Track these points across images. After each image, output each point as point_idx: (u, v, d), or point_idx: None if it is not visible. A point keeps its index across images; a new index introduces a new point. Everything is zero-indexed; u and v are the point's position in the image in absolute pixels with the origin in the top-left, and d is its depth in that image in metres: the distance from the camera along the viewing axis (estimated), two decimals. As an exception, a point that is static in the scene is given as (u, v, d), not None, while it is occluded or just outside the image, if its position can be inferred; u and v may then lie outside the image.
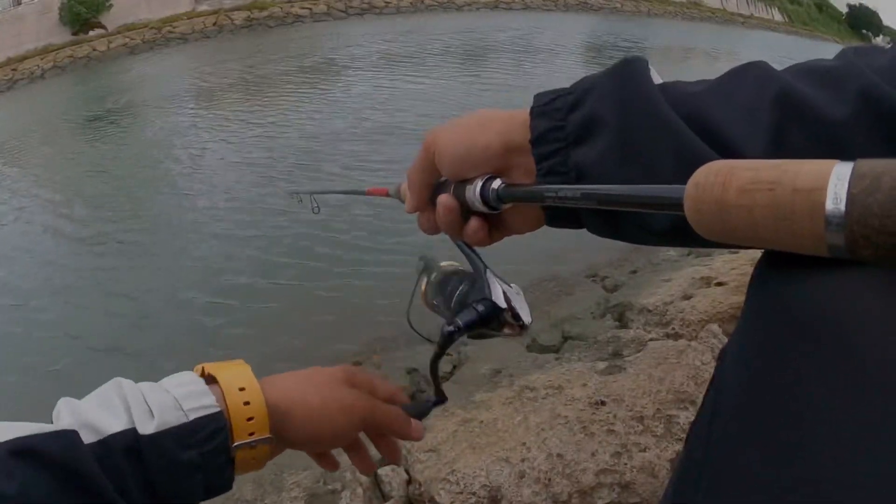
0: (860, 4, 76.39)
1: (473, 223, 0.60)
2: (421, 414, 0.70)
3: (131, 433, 0.48)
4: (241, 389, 0.54)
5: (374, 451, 0.70)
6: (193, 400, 0.51)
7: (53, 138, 10.96)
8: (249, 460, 0.54)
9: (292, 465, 1.60)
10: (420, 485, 1.45)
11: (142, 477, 0.48)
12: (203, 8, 29.66)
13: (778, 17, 54.50)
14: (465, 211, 0.59)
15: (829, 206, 0.28)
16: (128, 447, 0.47)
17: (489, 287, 0.63)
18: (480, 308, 0.62)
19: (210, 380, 0.55)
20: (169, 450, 0.48)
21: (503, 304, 0.62)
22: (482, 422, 1.57)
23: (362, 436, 0.67)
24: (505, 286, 0.63)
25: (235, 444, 0.52)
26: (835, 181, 0.28)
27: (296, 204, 1.35)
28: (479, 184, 0.56)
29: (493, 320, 0.63)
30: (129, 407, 0.49)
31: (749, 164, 0.34)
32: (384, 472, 1.53)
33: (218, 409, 0.52)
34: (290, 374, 0.62)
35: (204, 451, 0.50)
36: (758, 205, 0.32)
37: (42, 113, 14.54)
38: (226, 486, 0.53)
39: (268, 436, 0.54)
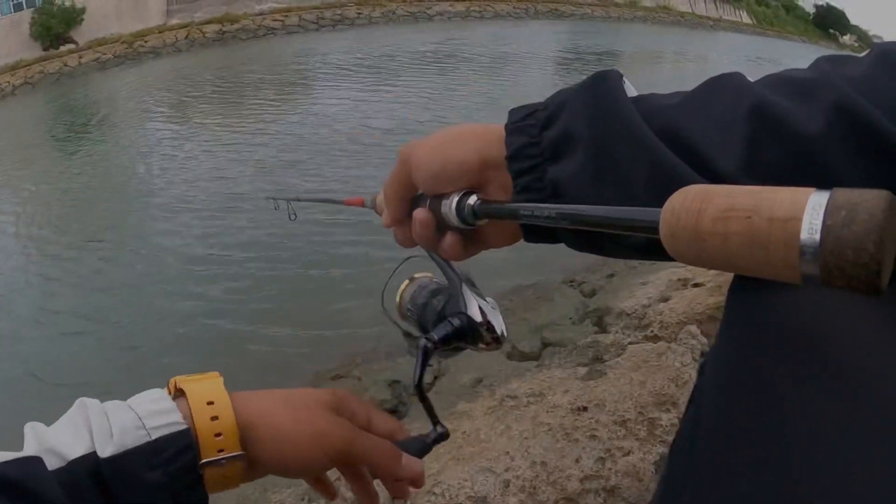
0: (827, 4, 77.64)
1: (449, 238, 0.59)
2: (420, 451, 0.62)
3: (93, 457, 0.46)
4: (210, 403, 0.51)
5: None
6: (158, 418, 0.49)
7: (25, 154, 10.82)
8: (219, 479, 0.51)
9: (276, 482, 1.58)
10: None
11: (108, 501, 0.46)
12: (174, 21, 29.49)
13: (746, 19, 55.26)
14: (441, 225, 0.59)
15: (804, 236, 0.29)
16: (91, 472, 0.46)
17: (465, 301, 0.63)
18: (456, 322, 0.62)
19: (180, 394, 0.53)
20: (132, 471, 0.46)
21: (479, 319, 0.62)
22: (465, 432, 1.57)
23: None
24: (481, 301, 0.63)
25: (203, 461, 0.49)
26: (810, 211, 0.29)
27: (271, 212, 1.35)
28: (455, 199, 0.56)
29: (469, 334, 0.62)
30: (91, 428, 0.48)
31: (725, 190, 0.34)
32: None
33: (184, 427, 0.49)
34: (270, 391, 0.58)
35: (170, 470, 0.47)
36: (733, 233, 0.32)
37: (13, 129, 14.34)
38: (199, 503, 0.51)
39: (238, 452, 0.51)
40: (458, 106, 10.29)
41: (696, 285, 2.47)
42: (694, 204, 0.34)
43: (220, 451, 0.50)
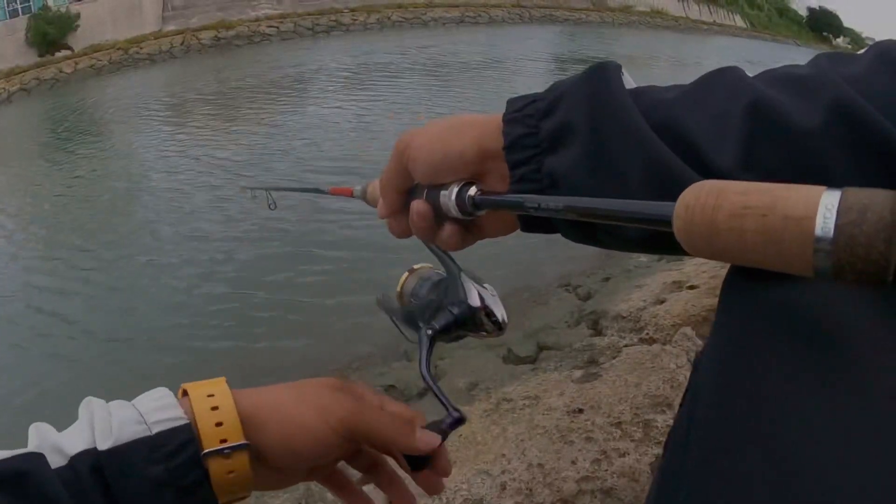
0: (820, 7, 77.89)
1: (447, 229, 0.59)
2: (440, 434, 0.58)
3: (93, 451, 0.45)
4: (210, 396, 0.50)
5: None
6: (158, 413, 0.48)
7: (20, 160, 10.80)
8: (226, 475, 0.48)
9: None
10: (402, 501, 1.44)
11: (110, 498, 0.44)
12: (170, 28, 29.50)
13: (740, 22, 55.41)
14: (439, 216, 0.59)
15: (818, 234, 0.30)
16: (92, 467, 0.44)
17: (464, 289, 0.63)
18: (456, 311, 0.62)
19: (184, 395, 0.51)
20: (132, 466, 0.45)
21: (479, 306, 0.62)
22: (461, 435, 1.57)
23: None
24: (480, 288, 0.63)
25: (205, 451, 0.47)
26: (823, 211, 0.30)
27: (265, 214, 1.35)
28: (455, 190, 0.56)
29: (470, 322, 0.62)
30: (93, 425, 0.47)
31: (738, 187, 0.35)
32: (366, 490, 1.52)
33: (185, 422, 0.48)
34: (276, 384, 0.56)
35: (171, 465, 0.46)
36: (748, 229, 0.34)
37: (8, 136, 14.32)
38: None
39: (242, 442, 0.49)
40: (455, 109, 10.30)
41: (690, 287, 2.48)
42: (709, 200, 0.35)
43: (223, 440, 0.48)
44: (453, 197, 0.56)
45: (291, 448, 0.51)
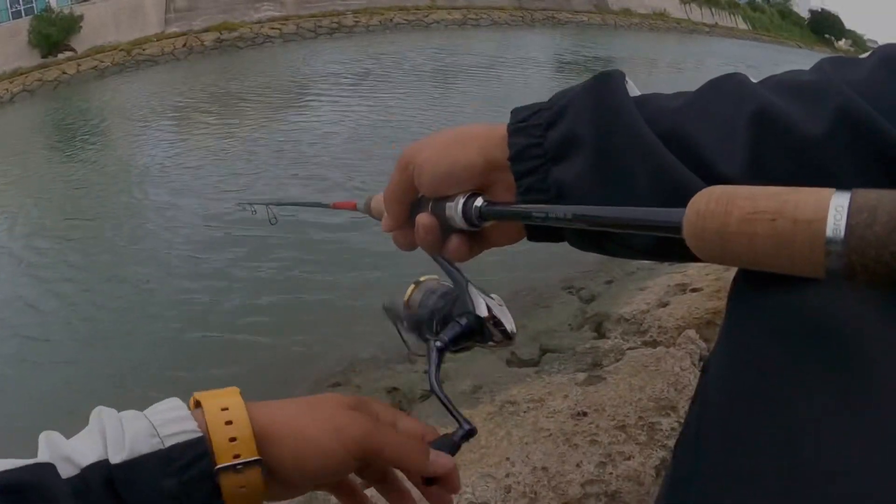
0: (822, 10, 77.84)
1: (454, 240, 0.59)
2: (449, 450, 0.57)
3: (105, 463, 0.45)
4: (225, 409, 0.49)
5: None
6: (172, 426, 0.47)
7: (21, 162, 10.82)
8: (237, 489, 0.48)
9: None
10: (405, 504, 1.44)
11: None
12: (172, 29, 29.54)
13: (742, 25, 55.37)
14: (445, 228, 0.58)
15: (830, 235, 0.30)
16: (105, 479, 0.44)
17: (472, 300, 0.63)
18: (464, 322, 0.62)
19: (197, 406, 0.51)
20: (144, 479, 0.45)
21: (486, 316, 0.62)
22: (465, 438, 1.56)
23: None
24: (487, 298, 0.63)
25: (218, 466, 0.47)
26: (833, 213, 0.30)
27: (266, 219, 1.35)
28: (461, 202, 0.56)
29: (478, 333, 0.62)
30: (105, 435, 0.46)
31: (748, 192, 0.35)
32: (368, 493, 1.52)
33: (199, 435, 0.47)
34: (290, 399, 0.56)
35: (184, 479, 0.45)
36: (759, 234, 0.34)
37: (10, 137, 14.34)
38: None
39: (255, 457, 0.48)
40: (456, 113, 10.31)
41: (694, 290, 2.48)
42: (719, 206, 0.36)
43: (236, 456, 0.48)
44: (460, 209, 0.56)
45: (303, 467, 0.51)
